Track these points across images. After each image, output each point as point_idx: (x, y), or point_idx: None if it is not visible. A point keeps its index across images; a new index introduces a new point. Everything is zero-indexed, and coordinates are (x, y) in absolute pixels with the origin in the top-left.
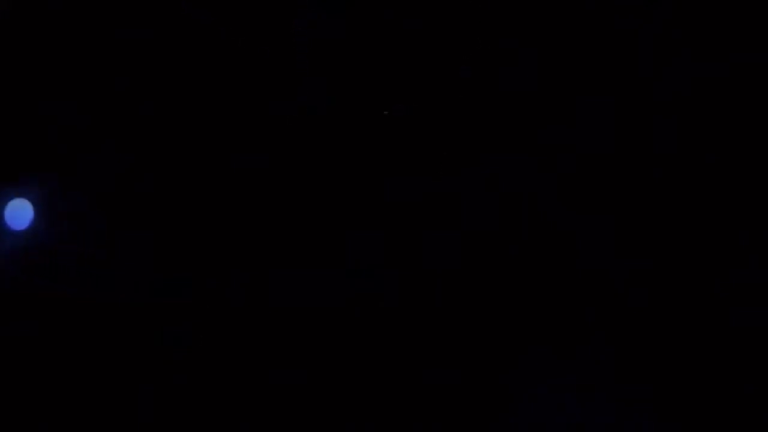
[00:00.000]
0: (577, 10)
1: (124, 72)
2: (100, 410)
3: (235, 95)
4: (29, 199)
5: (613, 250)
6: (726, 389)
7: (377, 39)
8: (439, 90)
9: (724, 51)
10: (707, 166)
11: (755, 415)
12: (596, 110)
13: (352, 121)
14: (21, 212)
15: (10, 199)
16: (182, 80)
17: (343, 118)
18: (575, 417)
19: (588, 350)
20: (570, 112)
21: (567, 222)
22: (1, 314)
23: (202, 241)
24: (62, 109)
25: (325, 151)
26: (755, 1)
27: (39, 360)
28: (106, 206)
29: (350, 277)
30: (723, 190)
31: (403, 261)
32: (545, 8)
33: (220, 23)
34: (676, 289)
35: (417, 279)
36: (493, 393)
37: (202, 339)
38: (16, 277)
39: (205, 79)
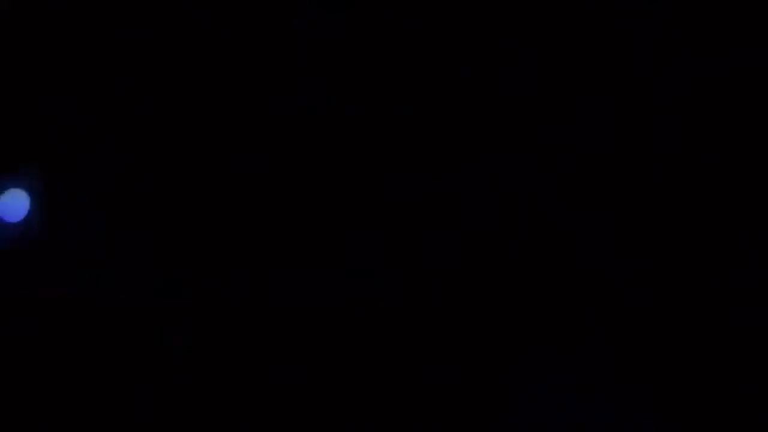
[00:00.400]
0: (577, 10)
1: (124, 72)
2: (99, 410)
3: (235, 95)
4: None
5: (613, 250)
6: (726, 389)
7: (377, 39)
8: (439, 90)
9: (724, 51)
10: (707, 166)
11: (755, 415)
12: (596, 110)
13: (352, 121)
14: (16, 203)
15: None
16: (182, 80)
17: (343, 118)
18: (575, 417)
19: (588, 350)
20: (570, 112)
21: (567, 222)
22: (0, 314)
23: (202, 241)
24: (62, 109)
25: (325, 151)
26: (755, 1)
27: (38, 360)
28: (106, 206)
29: (350, 277)
30: (723, 190)
31: (403, 261)
32: (545, 8)
33: (220, 23)
34: (676, 289)
35: (417, 279)
36: (493, 393)
37: (202, 339)
38: (14, 276)
39: (205, 79)
